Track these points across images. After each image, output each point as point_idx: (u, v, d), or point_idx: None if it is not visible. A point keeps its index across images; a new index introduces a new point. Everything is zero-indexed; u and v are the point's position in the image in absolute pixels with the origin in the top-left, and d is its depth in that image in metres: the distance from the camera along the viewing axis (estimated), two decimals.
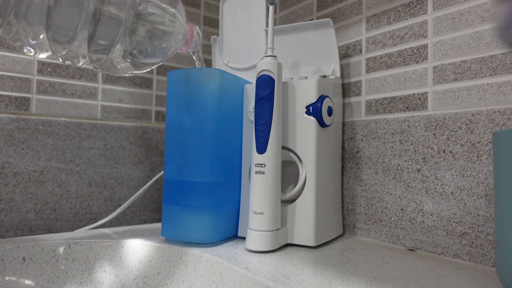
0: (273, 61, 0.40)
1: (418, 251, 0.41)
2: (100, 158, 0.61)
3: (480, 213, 0.36)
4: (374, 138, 0.47)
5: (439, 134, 0.40)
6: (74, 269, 0.41)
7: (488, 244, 0.36)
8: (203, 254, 0.38)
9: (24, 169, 0.54)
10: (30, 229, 0.55)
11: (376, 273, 0.33)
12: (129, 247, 0.43)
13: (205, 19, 0.76)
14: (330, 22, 0.46)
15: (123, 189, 0.64)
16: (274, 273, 0.31)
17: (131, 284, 0.41)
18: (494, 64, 0.37)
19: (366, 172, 0.47)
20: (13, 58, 0.55)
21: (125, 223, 0.63)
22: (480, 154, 0.37)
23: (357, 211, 0.48)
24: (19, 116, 0.55)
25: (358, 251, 0.41)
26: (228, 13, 0.58)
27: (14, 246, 0.40)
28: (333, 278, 0.31)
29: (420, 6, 0.43)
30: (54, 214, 0.57)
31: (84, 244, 0.43)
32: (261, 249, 0.38)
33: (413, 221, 0.42)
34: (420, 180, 0.41)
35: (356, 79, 0.50)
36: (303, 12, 0.59)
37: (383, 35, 0.47)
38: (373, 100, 0.47)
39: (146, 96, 0.68)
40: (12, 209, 0.53)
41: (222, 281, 0.34)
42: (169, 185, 0.43)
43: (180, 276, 0.39)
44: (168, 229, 0.42)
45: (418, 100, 0.43)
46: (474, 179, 0.37)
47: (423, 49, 0.42)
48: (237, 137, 0.45)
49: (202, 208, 0.41)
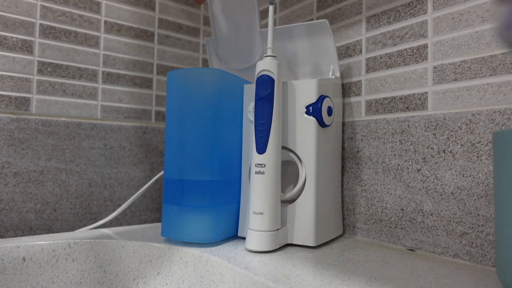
0: (273, 61, 0.40)
1: (418, 251, 0.41)
2: (100, 158, 0.61)
3: (480, 213, 0.36)
4: (374, 138, 0.47)
5: (439, 134, 0.40)
6: (74, 269, 0.41)
7: (488, 244, 0.36)
8: (203, 254, 0.38)
9: (24, 169, 0.54)
10: (30, 229, 0.55)
11: (376, 273, 0.33)
12: (129, 247, 0.43)
13: (205, 19, 0.76)
14: (326, 24, 0.46)
15: (123, 189, 0.64)
16: (274, 273, 0.31)
17: (131, 284, 0.41)
18: (494, 64, 0.37)
19: (366, 172, 0.47)
20: (13, 58, 0.55)
21: (125, 223, 0.63)
22: (480, 154, 0.37)
23: (357, 211, 0.48)
24: (19, 116, 0.55)
25: (358, 251, 0.41)
26: (218, 12, 0.57)
27: (14, 246, 0.40)
28: (333, 278, 0.31)
29: (420, 6, 0.43)
30: (54, 214, 0.57)
31: (84, 244, 0.43)
32: (261, 249, 0.38)
33: (413, 221, 0.42)
34: (420, 180, 0.41)
35: (356, 79, 0.50)
36: (303, 12, 0.59)
37: (383, 35, 0.47)
38: (373, 100, 0.47)
39: (146, 96, 0.68)
40: (12, 209, 0.53)
41: (222, 281, 0.34)
42: (169, 185, 0.43)
43: (180, 276, 0.39)
44: (168, 229, 0.42)
45: (418, 100, 0.43)
46: (474, 179, 0.37)
47: (423, 49, 0.42)
48: (237, 137, 0.45)
49: (202, 208, 0.41)
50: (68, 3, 0.60)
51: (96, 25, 0.63)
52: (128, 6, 0.66)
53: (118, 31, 0.65)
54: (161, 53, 0.70)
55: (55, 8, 0.59)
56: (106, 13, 0.64)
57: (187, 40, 0.73)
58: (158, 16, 0.70)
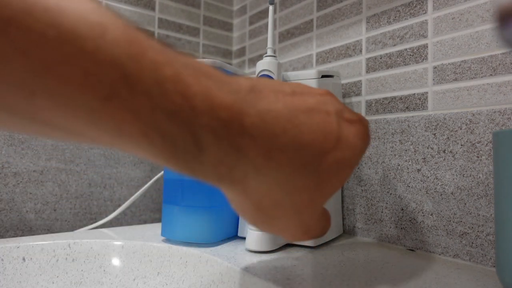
0: (273, 61, 0.40)
1: (418, 251, 0.41)
2: (100, 158, 0.61)
3: (480, 213, 0.36)
4: (374, 138, 0.47)
5: (439, 134, 0.40)
6: (74, 269, 0.41)
7: (488, 244, 0.36)
8: (203, 254, 0.38)
9: (24, 169, 0.54)
10: (30, 229, 0.55)
11: (376, 273, 0.33)
12: (129, 247, 0.43)
13: (205, 19, 0.76)
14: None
15: (123, 189, 0.64)
16: (274, 273, 0.31)
17: (131, 284, 0.41)
18: (494, 64, 0.37)
19: (366, 172, 0.47)
20: None
21: (125, 223, 0.63)
22: (480, 154, 0.37)
23: (357, 211, 0.48)
24: None
25: (358, 251, 0.41)
26: None
27: (14, 246, 0.40)
28: (333, 278, 0.31)
29: (420, 6, 0.43)
30: (54, 214, 0.57)
31: (84, 244, 0.43)
32: (261, 249, 0.38)
33: (413, 221, 0.42)
34: (420, 180, 0.41)
35: (356, 79, 0.50)
36: (303, 12, 0.59)
37: (383, 35, 0.47)
38: (373, 100, 0.47)
39: None
40: (12, 209, 0.53)
41: (222, 281, 0.34)
42: (169, 185, 0.43)
43: (180, 276, 0.39)
44: (168, 229, 0.42)
45: (418, 100, 0.43)
46: (474, 179, 0.37)
47: (423, 49, 0.42)
48: None
49: (202, 208, 0.41)
50: None
51: None
52: (128, 6, 0.66)
53: None
54: None
55: None
56: None
57: (187, 40, 0.73)
58: (158, 16, 0.70)
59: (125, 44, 0.15)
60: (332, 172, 0.22)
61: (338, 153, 0.22)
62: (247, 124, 0.18)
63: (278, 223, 0.23)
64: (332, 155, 0.22)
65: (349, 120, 0.24)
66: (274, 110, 0.19)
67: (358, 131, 0.24)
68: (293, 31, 0.61)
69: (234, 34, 0.79)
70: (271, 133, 0.19)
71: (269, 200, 0.21)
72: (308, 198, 0.22)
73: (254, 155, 0.19)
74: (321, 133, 0.21)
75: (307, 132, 0.20)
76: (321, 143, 0.21)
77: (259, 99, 0.19)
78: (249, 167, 0.19)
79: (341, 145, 0.22)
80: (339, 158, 0.22)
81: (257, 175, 0.20)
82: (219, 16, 0.78)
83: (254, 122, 0.18)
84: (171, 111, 0.16)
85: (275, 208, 0.22)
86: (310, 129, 0.21)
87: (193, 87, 0.17)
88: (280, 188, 0.21)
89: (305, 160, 0.20)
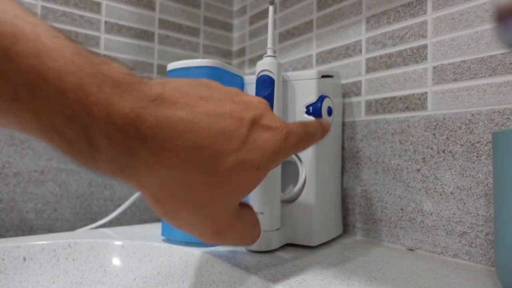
0: (273, 61, 0.40)
1: (418, 251, 0.41)
2: None
3: (479, 213, 0.36)
4: (374, 138, 0.47)
5: (438, 134, 0.40)
6: (74, 269, 0.41)
7: (487, 244, 0.36)
8: (203, 254, 0.38)
9: (24, 169, 0.55)
10: (31, 229, 0.55)
11: (376, 273, 0.33)
12: (129, 247, 0.43)
13: (205, 19, 0.76)
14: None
15: (123, 189, 0.64)
16: (274, 273, 0.31)
17: (131, 284, 0.41)
18: (493, 64, 0.37)
19: (366, 172, 0.47)
20: None
21: (125, 223, 0.63)
22: (479, 154, 0.37)
23: (357, 211, 0.48)
24: None
25: (358, 251, 0.41)
26: None
27: (14, 245, 0.40)
28: (333, 278, 0.31)
29: (420, 6, 0.43)
30: (55, 214, 0.57)
31: (84, 244, 0.43)
32: (261, 249, 0.38)
33: (412, 221, 0.42)
34: (420, 180, 0.41)
35: (356, 79, 0.50)
36: (303, 12, 0.59)
37: (383, 35, 0.47)
38: (373, 100, 0.47)
39: None
40: (12, 209, 0.53)
41: (222, 281, 0.34)
42: None
43: (180, 276, 0.39)
44: (168, 229, 0.42)
45: (417, 100, 0.43)
46: (473, 179, 0.37)
47: (422, 49, 0.42)
48: None
49: None
50: (69, 4, 0.60)
51: (96, 26, 0.63)
52: (128, 6, 0.66)
53: (119, 31, 0.65)
54: (162, 53, 0.70)
55: (55, 8, 0.59)
56: (106, 14, 0.64)
57: (187, 40, 0.74)
58: (158, 16, 0.70)
59: (31, 57, 0.18)
60: (234, 171, 0.24)
61: (241, 154, 0.24)
62: (143, 129, 0.21)
63: (181, 217, 0.25)
64: (234, 156, 0.24)
65: (265, 126, 0.26)
66: (173, 116, 0.22)
67: (270, 136, 0.26)
68: (293, 31, 0.61)
69: (234, 34, 0.79)
70: (165, 136, 0.21)
71: (166, 192, 0.23)
72: (209, 194, 0.24)
73: (145, 155, 0.21)
74: (223, 136, 0.24)
75: (205, 136, 0.23)
76: (221, 145, 0.23)
77: (160, 106, 0.22)
78: (140, 164, 0.21)
79: (246, 147, 0.25)
80: (241, 159, 0.24)
81: (149, 171, 0.22)
82: (219, 16, 0.78)
83: (149, 127, 0.21)
84: (68, 116, 0.19)
85: (173, 200, 0.24)
86: (209, 133, 0.23)
87: (93, 96, 0.19)
88: (173, 182, 0.23)
89: (200, 159, 0.23)
